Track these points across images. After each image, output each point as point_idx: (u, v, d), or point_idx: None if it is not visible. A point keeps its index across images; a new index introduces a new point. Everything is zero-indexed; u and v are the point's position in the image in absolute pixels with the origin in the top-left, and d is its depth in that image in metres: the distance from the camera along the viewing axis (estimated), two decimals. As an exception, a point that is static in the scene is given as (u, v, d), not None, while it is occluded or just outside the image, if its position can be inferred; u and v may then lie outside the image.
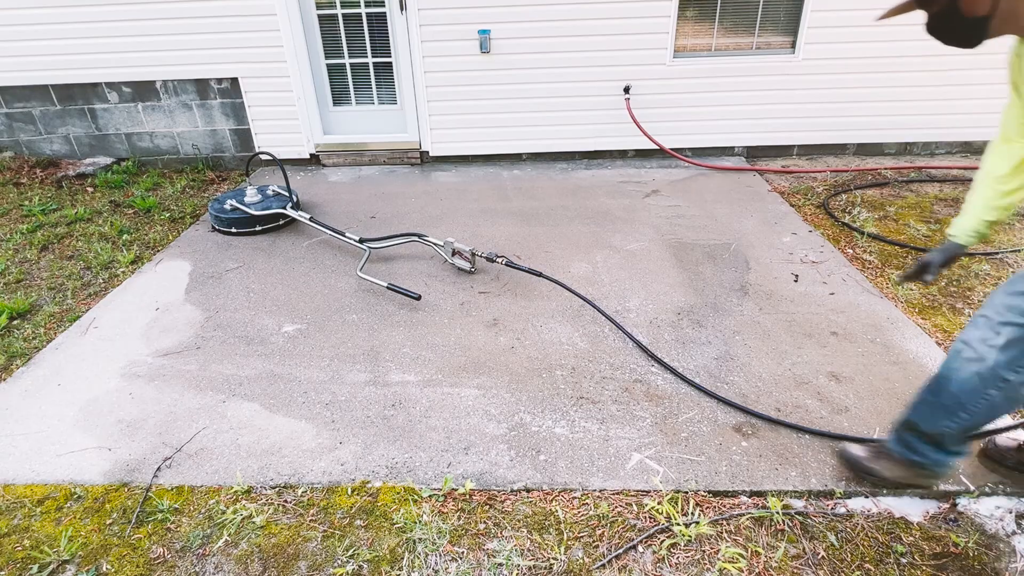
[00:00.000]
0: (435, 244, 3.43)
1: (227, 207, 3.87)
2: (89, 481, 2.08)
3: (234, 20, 4.63)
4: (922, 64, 4.70)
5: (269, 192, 4.08)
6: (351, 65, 4.99)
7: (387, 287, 3.10)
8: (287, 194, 4.05)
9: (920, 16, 1.61)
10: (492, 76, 4.81)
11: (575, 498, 1.96)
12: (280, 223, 3.95)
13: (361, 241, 3.48)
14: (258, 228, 3.87)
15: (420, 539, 1.84)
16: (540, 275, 3.05)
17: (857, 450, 1.99)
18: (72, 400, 2.46)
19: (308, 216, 3.76)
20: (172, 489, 2.04)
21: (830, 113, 4.92)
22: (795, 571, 1.73)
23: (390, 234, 3.60)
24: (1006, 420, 2.20)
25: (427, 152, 5.13)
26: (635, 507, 1.92)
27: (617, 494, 1.97)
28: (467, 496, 1.98)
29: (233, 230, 3.87)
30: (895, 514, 1.89)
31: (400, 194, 4.53)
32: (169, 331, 2.90)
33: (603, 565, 1.75)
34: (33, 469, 2.13)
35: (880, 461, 1.94)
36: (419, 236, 3.45)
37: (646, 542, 1.82)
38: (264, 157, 5.05)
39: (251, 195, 3.93)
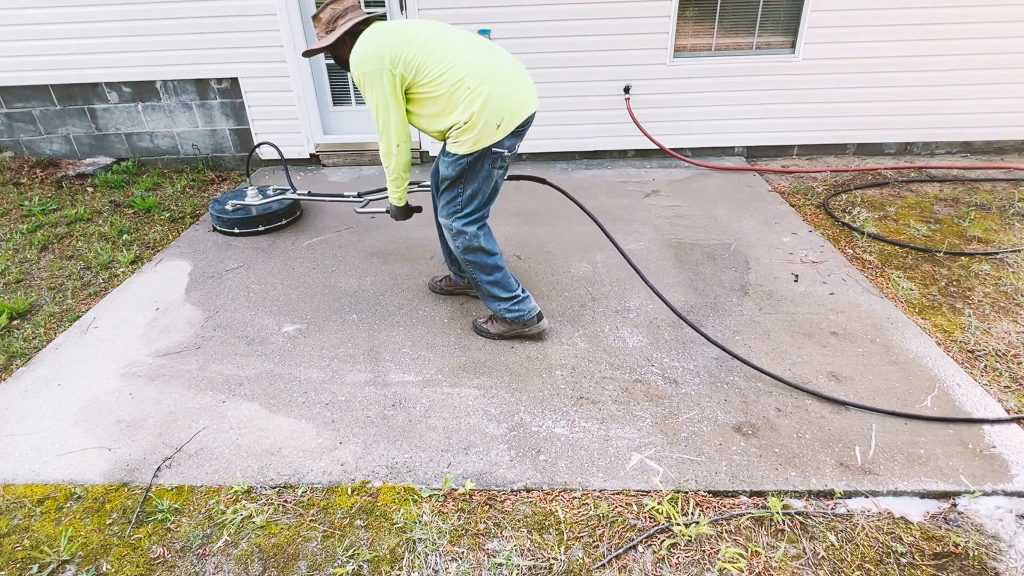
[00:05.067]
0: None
1: (228, 208, 3.88)
2: (89, 481, 2.08)
3: (234, 20, 4.63)
4: (922, 64, 4.70)
5: (269, 192, 4.08)
6: (351, 65, 4.99)
7: (387, 212, 3.06)
8: (288, 189, 4.06)
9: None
10: (492, 76, 4.81)
11: (575, 498, 1.96)
12: (283, 222, 3.95)
13: (359, 195, 3.55)
14: (261, 228, 3.88)
15: (420, 539, 1.84)
16: (543, 182, 3.00)
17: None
18: (72, 400, 2.46)
19: (307, 191, 3.78)
20: (172, 489, 2.04)
21: (830, 113, 4.92)
22: (795, 571, 1.73)
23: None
24: (999, 413, 2.20)
25: (427, 152, 5.13)
26: (635, 507, 1.92)
27: (617, 494, 1.97)
28: (467, 496, 1.98)
29: (236, 230, 3.87)
30: (895, 514, 1.89)
31: (400, 194, 4.52)
32: (169, 331, 2.90)
33: (603, 565, 1.75)
34: (33, 469, 2.13)
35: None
36: (418, 184, 3.46)
37: (646, 542, 1.82)
38: (266, 147, 5.01)
39: (252, 195, 3.93)
